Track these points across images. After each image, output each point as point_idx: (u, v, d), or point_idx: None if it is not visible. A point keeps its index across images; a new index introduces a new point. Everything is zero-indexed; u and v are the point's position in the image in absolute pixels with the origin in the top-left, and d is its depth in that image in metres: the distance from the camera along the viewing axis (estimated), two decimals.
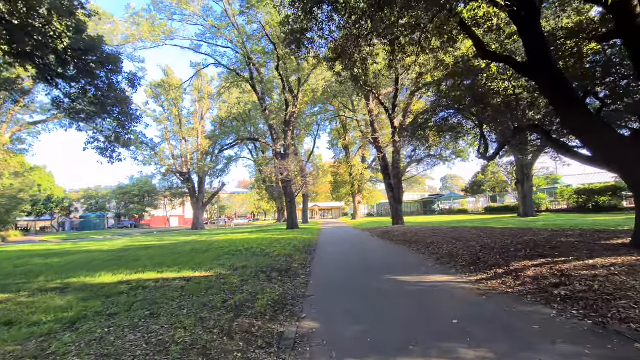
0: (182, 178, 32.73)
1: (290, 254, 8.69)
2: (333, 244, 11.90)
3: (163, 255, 10.16)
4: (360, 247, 10.51)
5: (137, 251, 12.21)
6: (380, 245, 10.68)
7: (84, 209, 52.39)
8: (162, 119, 31.76)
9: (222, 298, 4.19)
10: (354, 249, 9.85)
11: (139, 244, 16.21)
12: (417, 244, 9.71)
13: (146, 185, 46.16)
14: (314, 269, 6.55)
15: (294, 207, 22.56)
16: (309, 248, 10.46)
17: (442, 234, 10.67)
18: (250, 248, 10.57)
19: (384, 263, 6.98)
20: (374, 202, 49.38)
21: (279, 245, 10.95)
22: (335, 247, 10.57)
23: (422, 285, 4.79)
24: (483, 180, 38.40)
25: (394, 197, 19.03)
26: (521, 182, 24.43)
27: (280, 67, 19.86)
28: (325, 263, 7.36)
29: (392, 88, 19.49)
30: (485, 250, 6.51)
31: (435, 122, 12.31)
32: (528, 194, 24.16)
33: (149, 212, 55.25)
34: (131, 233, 32.12)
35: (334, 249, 10.07)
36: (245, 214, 73.33)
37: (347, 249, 10.10)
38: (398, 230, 14.45)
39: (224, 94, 33.37)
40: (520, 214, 24.15)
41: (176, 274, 6.02)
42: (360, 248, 10.14)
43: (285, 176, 21.17)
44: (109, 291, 4.77)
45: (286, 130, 21.91)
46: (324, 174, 52.35)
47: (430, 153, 35.32)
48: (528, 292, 4.02)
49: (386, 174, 19.39)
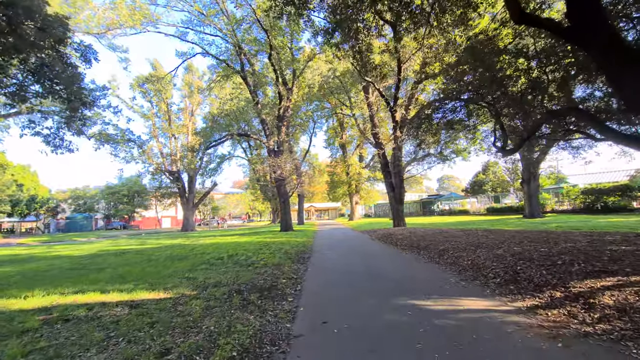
0: (171, 177, 31.14)
1: (279, 263, 7.30)
2: (330, 248, 10.53)
3: (133, 263, 8.72)
4: (361, 253, 9.16)
5: (108, 257, 10.73)
6: (384, 252, 9.33)
7: (72, 209, 50.48)
8: (150, 115, 30.14)
9: (162, 345, 2.80)
10: (355, 257, 8.48)
11: (116, 248, 14.70)
12: (427, 250, 8.37)
13: (136, 185, 44.43)
14: (306, 286, 5.16)
15: (288, 207, 21.17)
16: (302, 255, 9.08)
17: (454, 239, 9.35)
18: (234, 255, 9.16)
19: (394, 277, 5.62)
20: (371, 202, 48.11)
21: (268, 251, 9.55)
22: (333, 253, 9.20)
23: (456, 318, 3.43)
24: (484, 180, 37.33)
25: (394, 197, 17.71)
26: (527, 182, 23.28)
27: (273, 58, 18.47)
28: (320, 277, 5.98)
29: (393, 80, 18.19)
30: (522, 262, 5.17)
31: (444, 113, 11.00)
32: (534, 193, 23.01)
33: (140, 213, 53.47)
34: (117, 235, 30.47)
35: (331, 256, 8.70)
36: (240, 215, 71.68)
37: (346, 256, 8.74)
38: (401, 233, 13.12)
39: (215, 88, 31.94)
40: (526, 214, 22.99)
41: (126, 295, 4.61)
42: (362, 255, 8.78)
43: (279, 174, 19.77)
44: (13, 327, 3.36)
45: (280, 125, 20.52)
46: (320, 173, 51.04)
47: (429, 152, 34.23)
48: (623, 334, 2.69)
49: (386, 172, 18.06)
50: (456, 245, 8.07)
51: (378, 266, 6.88)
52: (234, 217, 69.32)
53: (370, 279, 5.58)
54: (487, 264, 5.56)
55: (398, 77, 14.88)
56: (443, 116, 11.63)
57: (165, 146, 32.08)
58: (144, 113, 30.22)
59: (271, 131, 20.65)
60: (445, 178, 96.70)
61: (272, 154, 20.18)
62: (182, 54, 17.70)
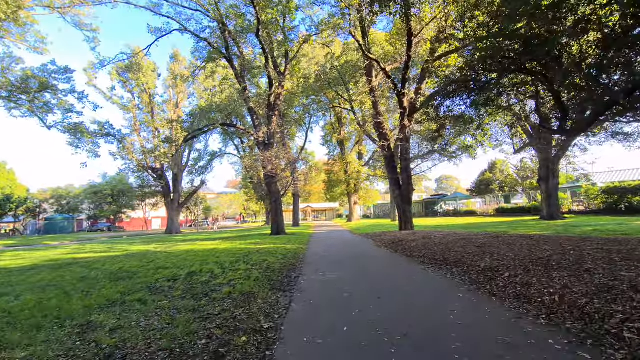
0: (154, 175, 28.61)
1: (252, 291, 4.91)
2: (327, 260, 8.16)
3: (56, 285, 6.29)
4: (368, 268, 6.80)
5: (39, 273, 8.25)
6: (399, 268, 6.96)
7: (54, 210, 47.67)
8: (131, 107, 27.57)
9: None
10: (361, 276, 6.11)
11: (71, 256, 12.18)
12: (461, 267, 6.03)
13: (121, 183, 41.79)
14: (284, 349, 2.80)
15: (280, 208, 18.77)
16: (290, 272, 6.71)
17: (491, 249, 7.02)
18: (197, 272, 6.76)
19: (435, 325, 3.27)
20: (370, 202, 45.77)
21: (245, 266, 7.17)
22: (330, 270, 6.82)
23: None
24: (491, 178, 35.15)
25: (401, 196, 15.38)
26: (545, 179, 21.04)
27: (262, 37, 16.06)
28: (309, 326, 3.58)
29: (399, 63, 15.90)
30: None
31: (471, 89, 8.70)
32: (553, 193, 20.77)
33: (127, 214, 50.73)
34: (95, 238, 27.85)
35: (330, 276, 6.31)
36: (234, 216, 69.10)
37: (349, 273, 6.37)
38: (413, 239, 10.78)
39: (201, 77, 29.47)
40: (544, 215, 20.74)
41: None
42: (370, 273, 6.41)
43: (270, 170, 17.38)
44: None
45: (270, 115, 18.12)
46: (316, 172, 48.66)
47: (434, 148, 31.97)
48: None
49: (391, 167, 15.75)
50: (503, 260, 5.73)
51: (400, 298, 4.51)
52: (227, 218, 66.79)
53: (395, 326, 3.21)
54: (601, 307, 3.21)
55: (408, 52, 12.57)
56: (467, 96, 9.35)
57: (148, 141, 29.54)
58: (124, 105, 27.66)
59: (261, 121, 18.25)
60: (444, 178, 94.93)
61: (262, 148, 17.77)
62: (156, 29, 15.27)
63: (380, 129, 15.57)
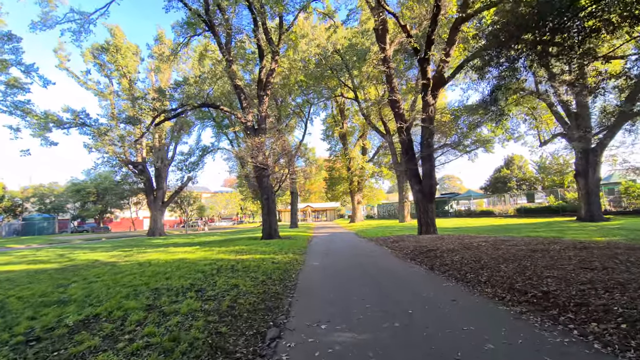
0: (135, 170, 25.54)
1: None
2: (331, 285, 5.10)
3: None
4: (401, 306, 3.77)
5: None
6: (457, 308, 3.89)
7: (37, 209, 44.58)
8: (108, 93, 24.51)
9: None
10: (397, 333, 3.08)
11: (12, 268, 9.13)
12: (566, 312, 3.00)
13: (106, 181, 38.67)
14: None
15: (273, 206, 15.70)
16: (265, 320, 3.67)
17: (584, 270, 4.00)
18: (97, 318, 3.73)
19: None
20: (375, 202, 42.63)
21: (185, 309, 4.09)
22: (339, 313, 3.80)
23: None
24: (508, 175, 32.04)
25: (422, 192, 12.33)
26: (583, 174, 17.95)
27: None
28: None
29: (419, 26, 12.87)
30: None
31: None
32: (594, 190, 17.68)
33: (114, 213, 47.65)
34: (69, 240, 24.80)
35: (335, 336, 3.29)
36: (231, 216, 65.96)
37: (373, 322, 3.36)
38: (451, 249, 7.72)
39: (189, 63, 26.43)
40: (583, 216, 17.64)
41: None
42: (414, 322, 3.39)
43: (260, 162, 14.34)
44: None
45: (261, 95, 15.06)
46: (317, 169, 45.58)
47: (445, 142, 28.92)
48: None
49: (410, 156, 12.71)
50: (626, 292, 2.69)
51: None
52: (223, 218, 63.68)
53: None
54: None
55: (437, 2, 9.52)
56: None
57: (132, 134, 26.44)
58: (100, 91, 24.58)
59: (250, 103, 15.20)
60: (446, 178, 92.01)
61: (252, 133, 14.71)
62: None
63: (396, 109, 12.51)
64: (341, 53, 26.08)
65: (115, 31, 24.38)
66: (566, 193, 24.35)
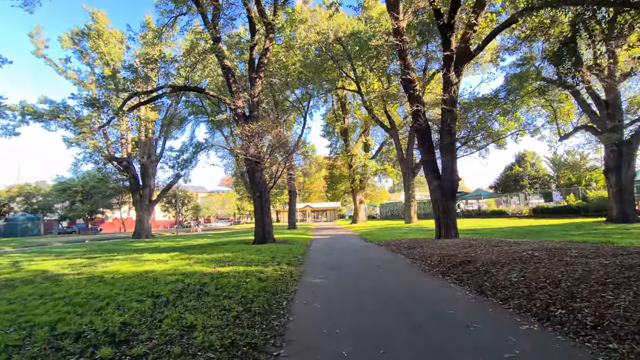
0: (120, 166, 23.54)
1: None
2: (339, 319, 3.19)
3: None
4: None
5: None
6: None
7: (23, 209, 42.49)
8: (89, 82, 22.50)
9: None
10: None
11: None
12: None
13: (95, 179, 36.63)
14: None
15: (267, 205, 13.74)
16: None
17: None
18: None
19: None
20: (378, 201, 40.65)
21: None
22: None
23: None
24: (520, 173, 30.10)
25: (441, 188, 10.38)
26: (615, 170, 15.95)
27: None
28: None
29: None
30: None
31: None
32: (628, 187, 15.70)
33: (105, 213, 45.57)
34: (47, 243, 22.81)
35: None
36: (228, 216, 63.95)
37: None
38: (485, 257, 5.78)
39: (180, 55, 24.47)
40: (614, 217, 15.66)
41: None
42: None
43: (252, 153, 12.39)
44: None
45: (253, 77, 13.10)
46: (317, 168, 43.63)
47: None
48: None
49: (427, 144, 10.77)
50: None
51: None
52: (220, 218, 61.63)
53: None
54: None
55: None
56: None
57: (116, 126, 24.43)
58: (81, 80, 22.57)
59: (239, 87, 13.24)
60: None
61: (242, 121, 12.74)
62: None
63: (411, 90, 10.54)
64: (343, 42, 24.15)
65: (98, 15, 22.38)
66: (587, 191, 22.46)
